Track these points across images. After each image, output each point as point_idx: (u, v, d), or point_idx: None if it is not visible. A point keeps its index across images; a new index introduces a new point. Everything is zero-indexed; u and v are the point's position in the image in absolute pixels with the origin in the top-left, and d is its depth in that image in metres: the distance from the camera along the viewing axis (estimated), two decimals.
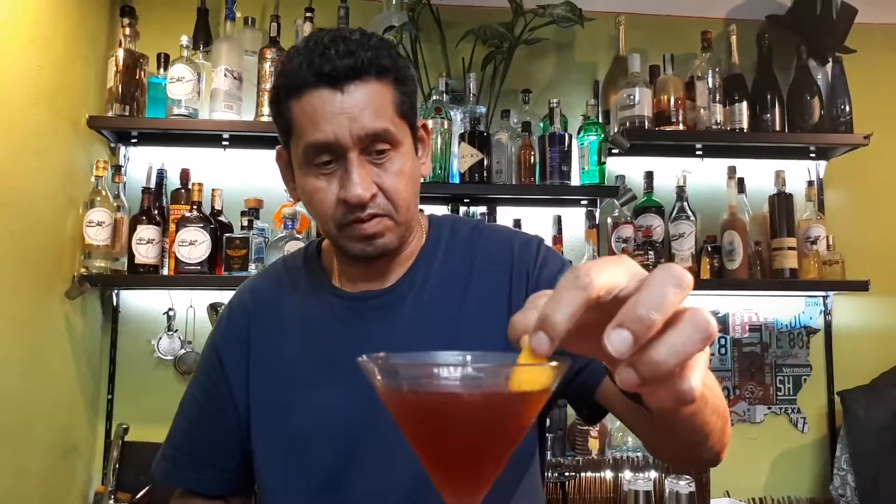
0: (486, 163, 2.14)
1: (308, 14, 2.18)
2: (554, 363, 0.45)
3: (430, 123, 2.08)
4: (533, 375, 0.45)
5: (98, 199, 2.02)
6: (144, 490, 2.03)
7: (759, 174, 2.36)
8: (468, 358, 0.52)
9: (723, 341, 2.40)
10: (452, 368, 0.48)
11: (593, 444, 2.05)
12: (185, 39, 2.10)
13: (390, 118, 0.89)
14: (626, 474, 1.97)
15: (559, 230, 2.24)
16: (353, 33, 0.90)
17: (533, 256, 1.00)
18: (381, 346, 0.93)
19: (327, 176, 0.90)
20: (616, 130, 2.22)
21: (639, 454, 2.03)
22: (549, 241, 2.19)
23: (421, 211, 1.09)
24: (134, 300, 2.24)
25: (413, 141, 0.96)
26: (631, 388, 0.43)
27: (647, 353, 0.42)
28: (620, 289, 0.44)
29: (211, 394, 1.04)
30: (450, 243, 1.03)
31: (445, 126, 2.14)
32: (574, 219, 2.32)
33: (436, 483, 0.49)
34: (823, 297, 2.42)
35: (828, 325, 2.42)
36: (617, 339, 0.41)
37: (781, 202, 2.27)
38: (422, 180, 1.01)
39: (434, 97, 2.18)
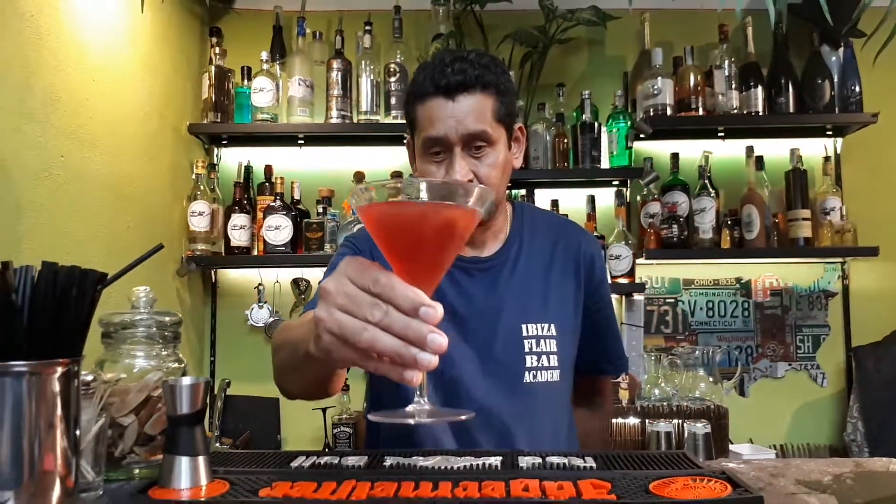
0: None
1: (367, 27, 2.50)
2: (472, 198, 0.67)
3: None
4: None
5: (198, 192, 2.42)
6: (244, 435, 2.45)
7: (777, 152, 2.57)
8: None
9: (746, 304, 2.64)
10: (398, 186, 0.67)
11: (623, 395, 2.34)
12: (264, 55, 2.47)
13: (489, 122, 1.14)
14: (651, 420, 2.26)
15: (592, 208, 2.52)
16: (470, 54, 1.15)
17: (599, 255, 1.34)
18: (482, 306, 1.27)
19: (437, 163, 1.15)
20: (641, 117, 2.48)
21: (664, 403, 2.31)
22: (583, 219, 2.50)
23: None
24: (230, 277, 2.64)
25: (508, 139, 1.20)
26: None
27: None
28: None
29: None
30: (532, 225, 1.32)
31: None
32: (605, 198, 2.59)
33: (403, 278, 0.66)
34: (841, 263, 2.62)
35: (845, 289, 2.63)
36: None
37: (796, 177, 2.49)
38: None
39: None
